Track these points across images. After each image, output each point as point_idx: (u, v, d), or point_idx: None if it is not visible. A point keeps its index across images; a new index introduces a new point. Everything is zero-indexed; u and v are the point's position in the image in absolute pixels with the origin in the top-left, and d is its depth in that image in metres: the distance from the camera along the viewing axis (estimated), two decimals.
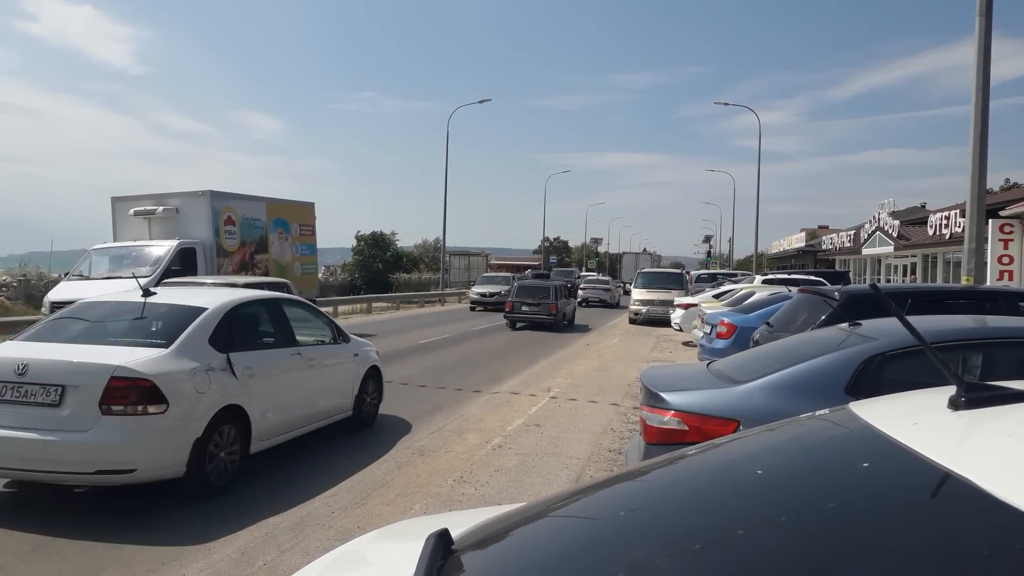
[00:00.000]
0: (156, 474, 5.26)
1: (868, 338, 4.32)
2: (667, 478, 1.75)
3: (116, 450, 5.01)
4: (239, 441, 5.94)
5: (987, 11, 11.38)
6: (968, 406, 1.43)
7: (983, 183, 11.88)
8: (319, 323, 7.90)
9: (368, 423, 8.27)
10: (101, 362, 5.15)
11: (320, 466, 6.62)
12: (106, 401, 5.01)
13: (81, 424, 4.98)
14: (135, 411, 5.07)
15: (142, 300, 6.10)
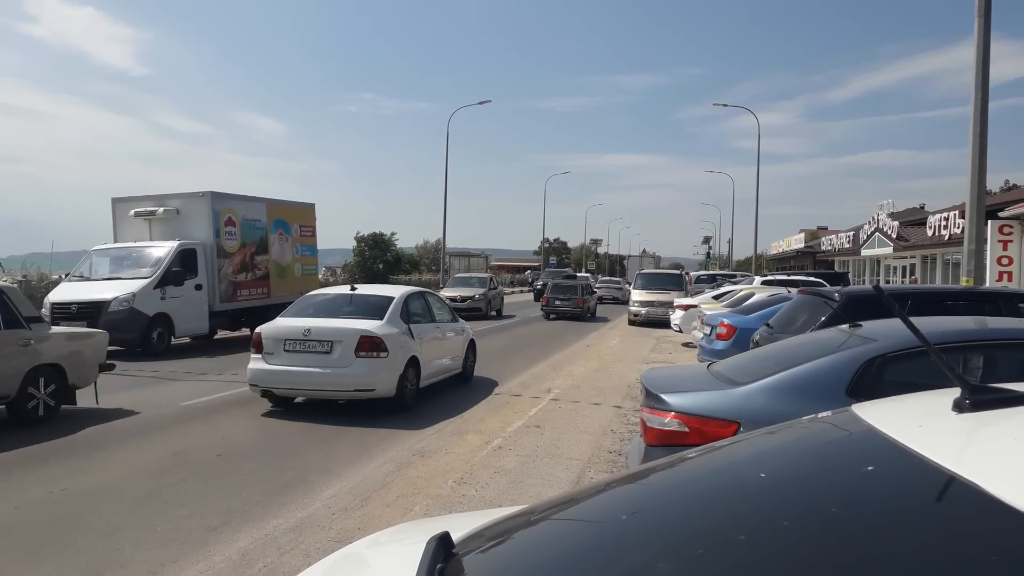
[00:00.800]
0: (383, 394, 8.87)
1: (868, 339, 4.31)
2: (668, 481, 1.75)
3: (365, 378, 8.70)
4: (416, 379, 9.48)
5: (986, 12, 11.38)
6: (973, 408, 1.42)
7: (982, 184, 11.88)
8: (444, 308, 11.51)
9: (468, 379, 11.71)
10: (353, 328, 8.87)
11: (320, 467, 6.61)
12: (358, 350, 8.67)
13: (344, 363, 8.68)
14: (373, 356, 8.70)
15: (352, 292, 9.98)
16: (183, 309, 15.41)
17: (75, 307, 14.26)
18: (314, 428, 8.24)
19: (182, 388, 10.79)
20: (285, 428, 8.26)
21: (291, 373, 8.76)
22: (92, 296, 14.39)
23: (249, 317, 17.98)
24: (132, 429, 8.03)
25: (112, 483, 6.04)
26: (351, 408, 9.15)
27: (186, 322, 15.59)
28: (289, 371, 8.76)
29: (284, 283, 19.13)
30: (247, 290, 17.63)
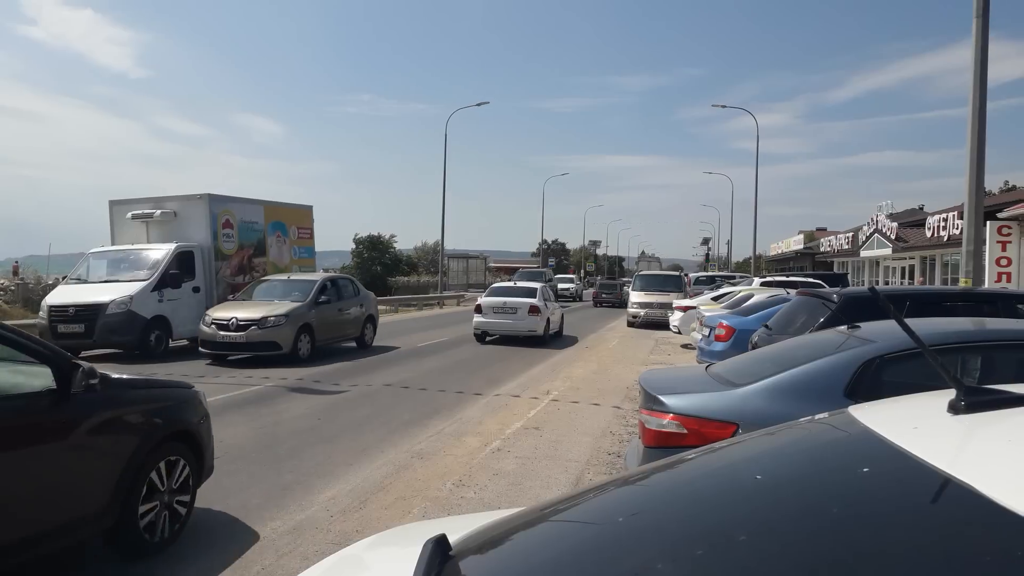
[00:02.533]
0: (539, 333, 18.35)
1: (867, 341, 4.32)
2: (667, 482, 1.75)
3: (531, 326, 18.20)
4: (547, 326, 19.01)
5: (984, 13, 11.40)
6: (968, 410, 1.43)
7: (981, 185, 11.90)
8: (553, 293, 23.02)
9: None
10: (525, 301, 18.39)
11: (318, 470, 6.61)
12: (530, 312, 18.07)
13: (522, 319, 18.16)
14: (535, 315, 18.14)
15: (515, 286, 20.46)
16: (181, 311, 15.40)
17: (73, 310, 14.25)
18: (312, 431, 8.24)
19: None
20: (284, 431, 8.26)
21: (496, 323, 18.46)
22: (90, 299, 14.38)
23: None
24: None
25: None
26: (350, 410, 9.15)
27: (184, 324, 15.58)
28: (495, 322, 18.45)
29: None
30: None
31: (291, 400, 10.10)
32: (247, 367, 13.18)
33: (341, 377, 12.27)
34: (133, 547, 4.38)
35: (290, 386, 11.24)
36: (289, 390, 10.90)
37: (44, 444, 3.79)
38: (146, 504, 4.39)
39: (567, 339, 20.02)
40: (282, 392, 10.67)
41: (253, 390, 10.48)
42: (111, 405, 4.23)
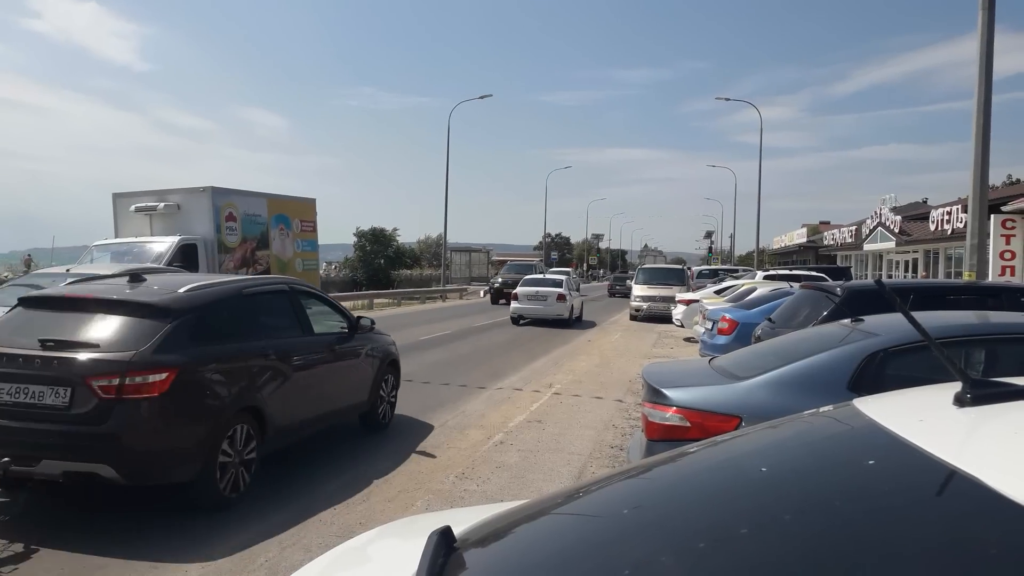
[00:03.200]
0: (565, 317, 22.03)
1: (870, 334, 4.31)
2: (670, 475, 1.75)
3: (559, 311, 21.76)
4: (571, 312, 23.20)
5: (990, 5, 11.34)
6: (974, 403, 1.42)
7: (985, 179, 11.85)
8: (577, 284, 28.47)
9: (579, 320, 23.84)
10: (554, 290, 22.00)
11: (322, 462, 6.62)
12: (557, 300, 21.69)
13: (551, 305, 21.72)
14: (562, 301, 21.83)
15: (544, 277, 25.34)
16: None
17: None
18: None
19: None
20: None
21: (529, 308, 21.76)
22: None
23: None
24: None
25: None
26: None
27: None
28: (528, 307, 21.75)
29: None
30: None
31: None
32: None
33: None
34: (376, 424, 7.84)
35: None
36: None
37: (343, 360, 7.10)
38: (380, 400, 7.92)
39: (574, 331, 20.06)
40: None
41: None
42: (370, 341, 7.74)
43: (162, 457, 4.98)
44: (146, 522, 5.02)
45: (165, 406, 4.89)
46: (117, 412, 4.73)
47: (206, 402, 5.24)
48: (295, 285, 7.20)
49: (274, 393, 5.90)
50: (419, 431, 7.94)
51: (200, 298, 5.65)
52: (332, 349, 6.89)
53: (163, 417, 4.92)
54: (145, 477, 5.01)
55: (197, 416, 5.16)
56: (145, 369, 4.84)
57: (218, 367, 5.38)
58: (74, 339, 4.98)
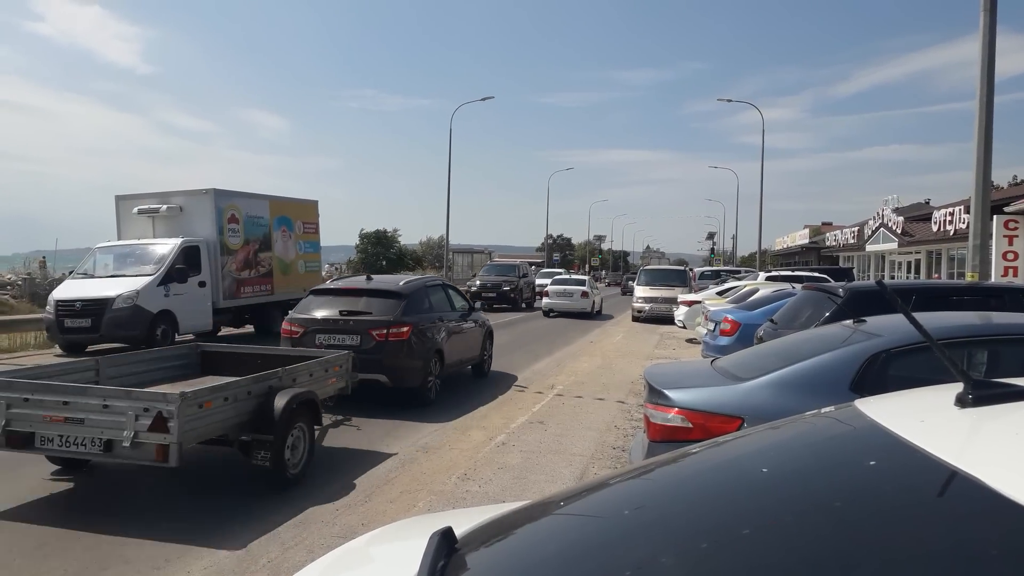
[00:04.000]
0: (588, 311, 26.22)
1: (872, 335, 4.31)
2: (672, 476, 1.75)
3: (583, 305, 26.06)
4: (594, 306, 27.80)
5: (992, 7, 11.33)
6: (975, 403, 1.42)
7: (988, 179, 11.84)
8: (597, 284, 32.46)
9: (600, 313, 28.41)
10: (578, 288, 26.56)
11: (324, 463, 6.62)
12: (582, 296, 26.15)
13: (577, 299, 26.15)
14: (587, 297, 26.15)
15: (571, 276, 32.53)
16: (187, 306, 15.43)
17: (79, 304, 14.29)
18: None
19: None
20: None
21: (558, 303, 25.81)
22: (96, 294, 14.42)
23: (252, 314, 18.00)
24: None
25: (117, 477, 6.06)
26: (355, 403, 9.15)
27: (190, 319, 15.61)
28: (557, 302, 25.81)
29: (287, 280, 19.15)
30: (250, 287, 17.65)
31: None
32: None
33: None
34: (482, 372, 11.79)
35: None
36: None
37: (466, 328, 10.92)
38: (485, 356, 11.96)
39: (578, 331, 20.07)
40: None
41: None
42: (479, 317, 11.69)
43: (407, 372, 9.09)
44: (150, 525, 5.02)
45: (408, 345, 9.08)
46: (385, 348, 8.92)
47: (424, 344, 9.41)
48: (445, 281, 12.71)
49: (445, 342, 10.08)
50: (421, 432, 7.94)
51: (411, 286, 10.00)
52: (464, 320, 11.12)
53: (407, 351, 9.07)
54: (399, 383, 9.05)
55: (420, 352, 9.31)
56: (397, 324, 9.04)
57: (425, 326, 9.59)
58: (356, 309, 9.42)
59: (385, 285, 9.99)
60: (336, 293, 10.02)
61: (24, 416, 5.21)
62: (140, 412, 4.95)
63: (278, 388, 6.04)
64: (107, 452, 5.11)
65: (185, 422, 4.95)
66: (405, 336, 9.00)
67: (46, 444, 5.24)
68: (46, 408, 5.18)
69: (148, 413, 4.94)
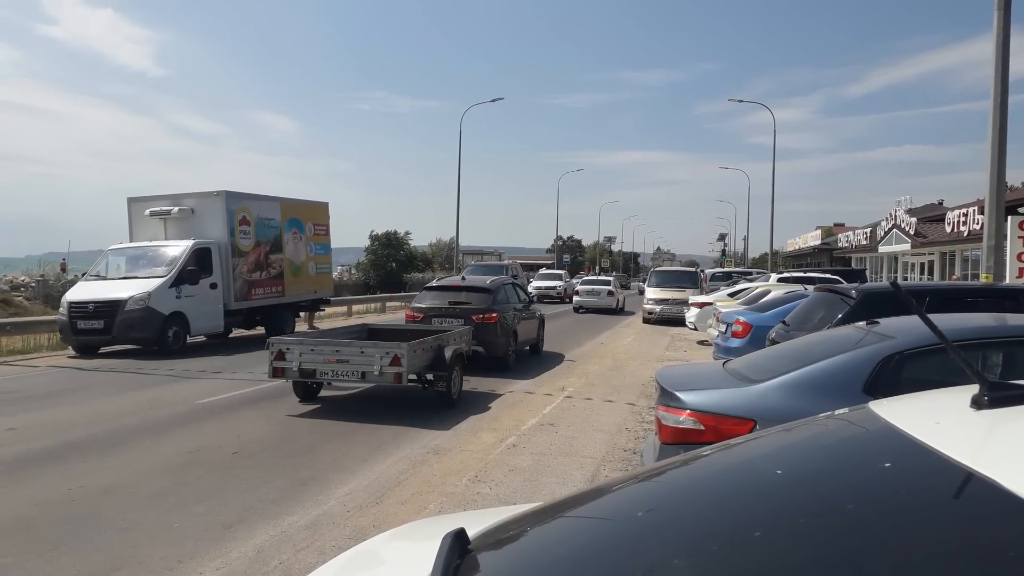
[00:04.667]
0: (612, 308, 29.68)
1: (886, 337, 4.28)
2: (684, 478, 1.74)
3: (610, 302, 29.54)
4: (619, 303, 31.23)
5: (1006, 4, 11.25)
6: (991, 405, 1.41)
7: (1002, 179, 11.75)
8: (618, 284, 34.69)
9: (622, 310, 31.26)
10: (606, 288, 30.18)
11: (335, 465, 6.64)
12: (608, 295, 29.79)
13: (605, 297, 29.74)
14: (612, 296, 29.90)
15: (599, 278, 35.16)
16: (198, 308, 15.53)
17: (92, 306, 14.40)
18: (329, 425, 8.28)
19: (198, 386, 10.88)
20: (301, 426, 8.30)
21: (588, 301, 29.30)
22: (108, 295, 14.54)
23: (263, 316, 18.08)
24: (149, 427, 8.10)
25: (129, 480, 6.10)
26: (366, 406, 9.20)
27: (201, 321, 15.71)
28: (587, 300, 29.36)
29: (298, 282, 19.23)
30: (261, 289, 17.74)
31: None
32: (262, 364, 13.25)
33: None
34: (538, 352, 15.35)
35: None
36: None
37: (528, 316, 14.56)
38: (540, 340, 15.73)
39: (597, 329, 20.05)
40: None
41: (268, 386, 10.54)
42: (537, 308, 15.78)
43: (496, 346, 12.61)
44: (164, 525, 5.05)
45: (497, 326, 12.56)
46: (482, 328, 12.17)
47: (505, 326, 12.89)
48: (515, 280, 16.07)
49: (518, 326, 13.55)
50: (432, 434, 7.95)
51: (496, 284, 13.67)
52: (527, 310, 14.61)
53: (496, 331, 12.57)
54: (491, 352, 12.51)
55: (504, 332, 12.81)
56: (489, 311, 12.47)
57: (507, 313, 13.03)
58: (459, 301, 12.95)
59: (478, 283, 13.86)
60: (443, 289, 13.91)
61: (310, 358, 8.84)
62: (384, 355, 8.57)
63: (444, 345, 9.61)
64: (362, 379, 8.83)
65: (409, 360, 8.56)
66: (495, 320, 12.66)
67: (323, 376, 8.88)
68: (324, 354, 8.81)
69: (389, 355, 8.56)
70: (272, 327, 18.34)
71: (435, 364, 9.26)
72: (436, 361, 9.28)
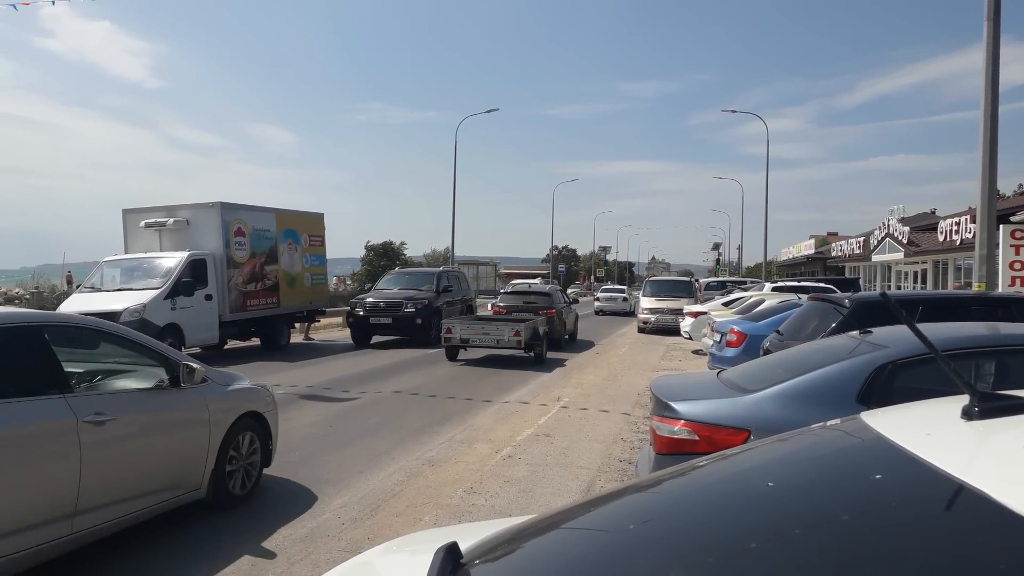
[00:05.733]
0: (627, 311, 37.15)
1: (879, 346, 4.29)
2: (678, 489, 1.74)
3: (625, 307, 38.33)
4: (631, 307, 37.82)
5: (995, 16, 11.34)
6: (982, 416, 1.42)
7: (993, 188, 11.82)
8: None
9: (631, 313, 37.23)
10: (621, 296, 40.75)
11: (329, 477, 6.62)
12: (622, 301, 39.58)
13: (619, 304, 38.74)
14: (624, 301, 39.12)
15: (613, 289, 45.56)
16: (193, 319, 15.48)
17: None
18: (323, 437, 8.26)
19: None
20: (294, 438, 8.27)
21: (605, 306, 37.89)
22: (103, 307, 14.47)
23: (259, 327, 18.04)
24: None
25: None
26: (362, 419, 9.16)
27: (196, 332, 15.66)
28: (605, 305, 37.98)
29: (293, 293, 19.20)
30: (257, 300, 17.70)
31: (302, 407, 10.13)
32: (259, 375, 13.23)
33: (351, 384, 12.29)
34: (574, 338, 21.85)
35: (300, 393, 11.28)
36: (300, 397, 10.94)
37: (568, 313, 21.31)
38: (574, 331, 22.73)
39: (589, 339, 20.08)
40: (293, 399, 10.70)
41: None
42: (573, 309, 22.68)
43: (555, 330, 18.07)
44: (153, 538, 5.02)
45: (556, 318, 18.56)
46: (548, 320, 17.13)
47: (561, 318, 19.13)
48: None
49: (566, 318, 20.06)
50: (427, 445, 7.93)
51: (552, 290, 21.91)
52: (568, 308, 20.77)
53: (556, 320, 18.43)
54: (552, 336, 17.38)
55: (560, 322, 19.02)
56: (550, 308, 18.89)
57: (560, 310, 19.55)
58: (530, 301, 19.65)
59: (541, 290, 22.43)
60: (517, 293, 21.46)
61: (465, 330, 15.39)
62: (510, 330, 14.81)
63: (537, 326, 15.66)
64: (497, 345, 14.86)
65: (524, 332, 14.79)
66: (553, 314, 18.34)
67: (473, 341, 15.26)
68: (475, 330, 15.34)
69: (512, 329, 14.79)
70: (267, 338, 18.28)
71: (533, 337, 15.29)
72: (534, 335, 15.35)
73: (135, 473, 4.67)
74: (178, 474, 5.10)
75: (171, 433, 5.05)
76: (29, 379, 4.17)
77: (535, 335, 15.31)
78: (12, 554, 3.78)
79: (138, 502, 4.70)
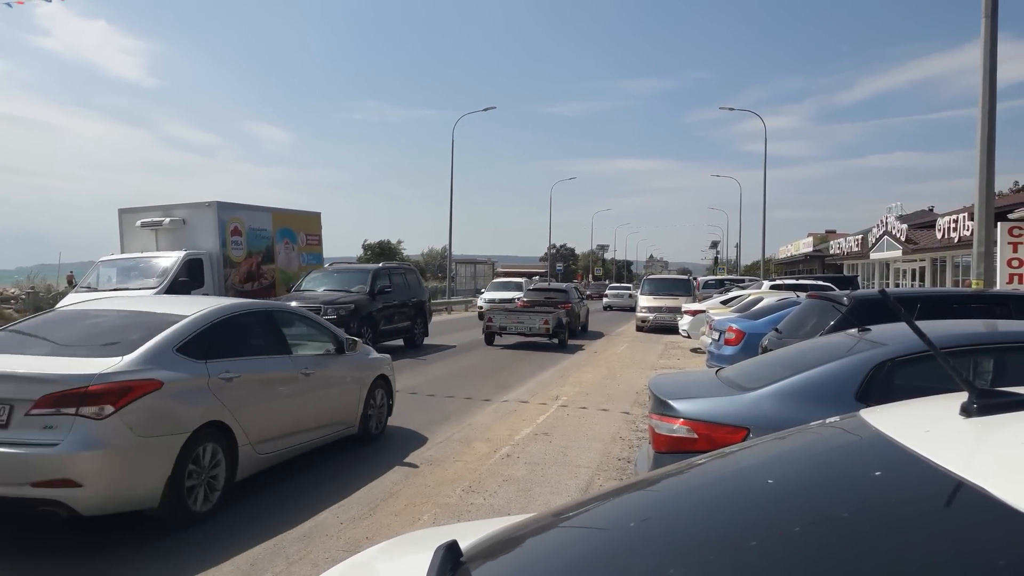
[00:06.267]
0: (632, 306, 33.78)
1: (878, 344, 4.29)
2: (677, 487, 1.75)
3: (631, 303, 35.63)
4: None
5: (993, 13, 11.37)
6: (980, 413, 1.42)
7: (991, 186, 11.84)
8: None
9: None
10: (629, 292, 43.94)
11: (328, 476, 6.61)
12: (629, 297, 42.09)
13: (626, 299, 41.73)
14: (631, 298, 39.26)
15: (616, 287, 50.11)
16: None
17: None
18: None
19: None
20: None
21: (614, 302, 41.78)
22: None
23: None
24: None
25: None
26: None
27: None
28: (614, 300, 42.17)
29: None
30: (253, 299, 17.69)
31: None
32: None
33: None
34: (586, 329, 24.83)
35: None
36: None
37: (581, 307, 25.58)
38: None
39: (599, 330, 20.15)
40: None
41: None
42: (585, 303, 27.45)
43: (574, 323, 21.90)
44: (148, 540, 5.02)
45: (571, 314, 20.95)
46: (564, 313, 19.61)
47: (576, 311, 22.57)
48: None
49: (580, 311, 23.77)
50: (426, 444, 7.93)
51: (568, 287, 26.10)
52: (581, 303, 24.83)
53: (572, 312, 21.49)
54: (570, 326, 20.17)
55: (576, 314, 22.47)
56: (567, 302, 21.85)
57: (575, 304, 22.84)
58: (550, 296, 23.02)
59: (559, 287, 26.23)
60: (539, 290, 25.42)
61: (503, 319, 18.87)
62: (540, 319, 18.36)
63: (560, 317, 18.79)
64: (529, 332, 18.40)
65: (552, 321, 18.32)
66: (570, 307, 21.21)
67: (508, 329, 18.70)
68: (511, 319, 18.83)
69: (543, 318, 18.37)
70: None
71: (558, 325, 18.36)
72: (559, 324, 18.41)
73: (322, 411, 6.87)
74: (344, 415, 7.29)
75: (341, 385, 7.25)
76: (272, 344, 6.44)
77: (560, 324, 18.51)
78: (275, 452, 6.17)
79: (323, 431, 6.90)
